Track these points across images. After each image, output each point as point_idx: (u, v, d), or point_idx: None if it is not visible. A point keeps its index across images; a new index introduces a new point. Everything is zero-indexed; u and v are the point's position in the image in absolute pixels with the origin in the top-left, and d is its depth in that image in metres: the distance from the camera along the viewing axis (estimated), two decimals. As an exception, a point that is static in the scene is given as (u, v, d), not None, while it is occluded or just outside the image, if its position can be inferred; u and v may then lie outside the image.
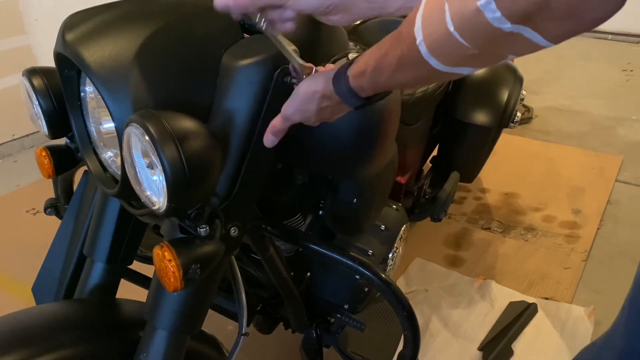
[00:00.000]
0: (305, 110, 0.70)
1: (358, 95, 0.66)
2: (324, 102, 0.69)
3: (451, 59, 0.53)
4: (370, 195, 1.11)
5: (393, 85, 0.64)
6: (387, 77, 0.61)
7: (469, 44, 0.49)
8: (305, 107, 0.70)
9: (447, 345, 1.64)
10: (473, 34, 0.48)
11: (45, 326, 0.79)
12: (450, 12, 0.48)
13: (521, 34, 0.46)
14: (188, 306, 0.78)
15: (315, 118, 0.71)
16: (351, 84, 0.65)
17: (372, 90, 0.66)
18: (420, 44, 0.53)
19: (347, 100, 0.67)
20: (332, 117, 0.74)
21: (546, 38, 0.47)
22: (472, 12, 0.46)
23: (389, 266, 1.27)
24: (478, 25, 0.47)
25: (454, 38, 0.49)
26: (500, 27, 0.45)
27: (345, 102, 0.68)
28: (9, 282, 1.97)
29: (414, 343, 1.02)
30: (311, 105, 0.69)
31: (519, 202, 2.40)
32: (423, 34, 0.53)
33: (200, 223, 0.71)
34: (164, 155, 0.63)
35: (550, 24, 0.45)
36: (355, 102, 0.67)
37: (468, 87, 1.77)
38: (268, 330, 1.39)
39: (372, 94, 0.67)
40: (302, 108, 0.70)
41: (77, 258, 0.97)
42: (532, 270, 1.98)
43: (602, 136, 2.99)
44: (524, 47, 0.49)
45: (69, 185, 1.15)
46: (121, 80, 0.69)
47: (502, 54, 0.51)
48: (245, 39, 0.79)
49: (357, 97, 0.66)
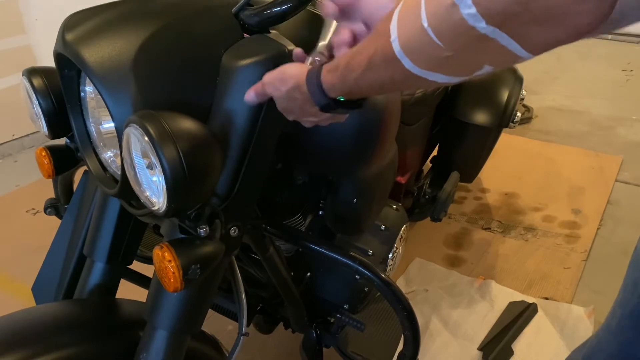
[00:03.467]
0: (277, 88, 0.68)
1: (325, 92, 0.63)
2: (295, 92, 0.67)
3: (424, 60, 0.50)
4: (370, 195, 1.11)
5: (363, 87, 0.60)
6: (358, 75, 0.58)
7: (442, 44, 0.47)
8: (279, 85, 0.68)
9: (447, 345, 1.64)
10: (447, 31, 0.46)
11: (45, 326, 0.79)
12: (425, 7, 0.47)
13: (497, 40, 0.44)
14: (188, 306, 0.78)
15: (283, 104, 0.70)
16: (322, 78, 0.63)
17: (341, 90, 0.63)
18: (394, 41, 0.51)
19: (313, 95, 0.65)
20: (301, 116, 0.71)
21: (524, 47, 0.44)
22: (447, 6, 0.44)
23: (389, 266, 1.27)
24: (452, 22, 0.44)
25: (428, 36, 0.47)
26: (475, 26, 0.43)
27: (312, 97, 0.65)
28: (9, 282, 1.97)
29: (414, 343, 1.02)
30: (283, 86, 0.68)
31: (519, 202, 2.40)
32: (398, 31, 0.51)
33: (200, 223, 0.71)
34: (164, 156, 0.63)
35: (528, 29, 0.42)
36: (321, 98, 0.64)
37: (468, 87, 1.77)
38: (268, 330, 1.39)
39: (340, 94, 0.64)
40: (276, 84, 0.69)
41: (77, 258, 0.97)
42: (532, 270, 1.98)
43: (602, 136, 2.99)
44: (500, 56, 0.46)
45: (69, 185, 1.15)
46: (121, 80, 0.69)
47: (478, 62, 0.48)
48: (245, 39, 0.79)
49: (323, 94, 0.64)
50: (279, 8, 0.74)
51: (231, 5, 0.79)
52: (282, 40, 0.75)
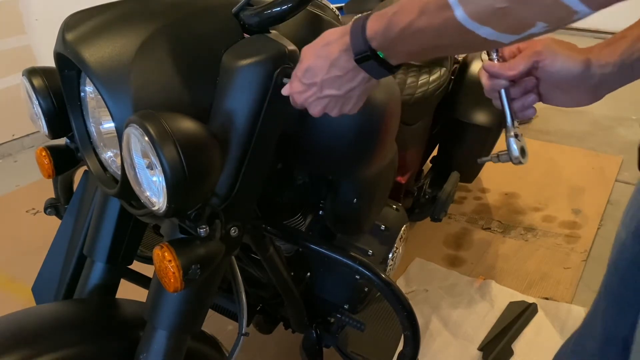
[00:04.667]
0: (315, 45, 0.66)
1: (367, 40, 0.60)
2: (332, 45, 0.64)
3: (477, 9, 0.48)
4: (371, 195, 1.11)
5: (406, 39, 0.57)
6: (405, 24, 0.55)
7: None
8: (319, 41, 0.66)
9: (447, 345, 1.64)
10: None
11: (45, 326, 0.79)
12: None
13: None
14: (188, 306, 0.78)
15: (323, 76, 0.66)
16: (367, 23, 0.60)
17: (383, 40, 0.59)
18: None
19: (354, 40, 0.61)
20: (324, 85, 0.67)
21: (584, 1, 0.41)
22: None
23: (389, 266, 1.27)
24: None
25: None
26: None
27: (352, 42, 0.62)
28: (9, 282, 1.97)
29: (414, 343, 1.02)
30: (323, 41, 0.65)
31: (519, 202, 2.40)
32: None
33: (200, 223, 0.71)
34: (164, 156, 0.63)
35: None
36: (360, 45, 0.61)
37: (468, 87, 1.76)
38: (268, 330, 1.39)
39: (381, 45, 0.60)
40: (317, 43, 0.66)
41: (77, 258, 0.97)
42: (532, 270, 1.98)
43: (602, 136, 2.99)
44: (556, 11, 0.43)
45: (69, 185, 1.15)
46: (121, 80, 0.69)
47: (532, 17, 0.46)
48: (245, 39, 0.79)
49: (365, 40, 0.60)
50: (279, 8, 0.74)
51: (231, 5, 0.79)
52: (282, 40, 0.75)
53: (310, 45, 0.68)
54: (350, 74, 0.65)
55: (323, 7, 0.94)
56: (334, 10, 0.98)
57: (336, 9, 1.00)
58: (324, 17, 0.91)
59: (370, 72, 0.65)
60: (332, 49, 0.65)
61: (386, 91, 0.94)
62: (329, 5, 0.97)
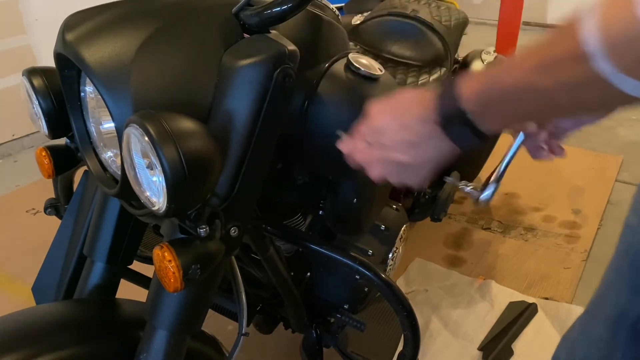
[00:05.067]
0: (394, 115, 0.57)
1: (456, 98, 0.51)
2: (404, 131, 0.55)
3: (632, 57, 0.39)
4: (370, 195, 1.11)
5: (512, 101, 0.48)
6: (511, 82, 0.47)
7: None
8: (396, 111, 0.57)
9: (447, 345, 1.64)
10: None
11: (45, 326, 0.79)
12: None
13: None
14: (188, 306, 0.78)
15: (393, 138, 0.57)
16: (459, 82, 0.52)
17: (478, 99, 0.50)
18: (588, 34, 0.41)
19: (441, 100, 0.53)
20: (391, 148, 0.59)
21: None
22: None
23: (389, 266, 1.27)
24: None
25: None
26: None
27: (438, 102, 0.53)
28: (9, 282, 1.97)
29: (414, 343, 1.02)
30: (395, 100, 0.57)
31: (519, 202, 2.40)
32: (598, 22, 0.40)
33: (200, 223, 0.71)
34: (164, 156, 0.63)
35: None
36: (448, 105, 0.52)
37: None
38: (268, 330, 1.39)
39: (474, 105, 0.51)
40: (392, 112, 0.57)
41: (77, 258, 0.97)
42: (532, 270, 1.98)
43: (602, 136, 2.99)
44: None
45: (69, 185, 1.15)
46: (121, 80, 0.69)
47: None
48: (245, 39, 0.79)
49: (453, 99, 0.51)
50: (279, 8, 0.74)
51: (231, 5, 0.79)
52: (282, 40, 0.75)
53: (382, 101, 0.62)
54: (425, 139, 0.58)
55: (323, 7, 0.94)
56: (334, 10, 0.98)
57: (336, 9, 1.00)
58: (324, 17, 0.91)
59: (456, 139, 0.57)
60: (409, 108, 0.58)
61: (387, 91, 0.94)
62: (329, 5, 0.97)
